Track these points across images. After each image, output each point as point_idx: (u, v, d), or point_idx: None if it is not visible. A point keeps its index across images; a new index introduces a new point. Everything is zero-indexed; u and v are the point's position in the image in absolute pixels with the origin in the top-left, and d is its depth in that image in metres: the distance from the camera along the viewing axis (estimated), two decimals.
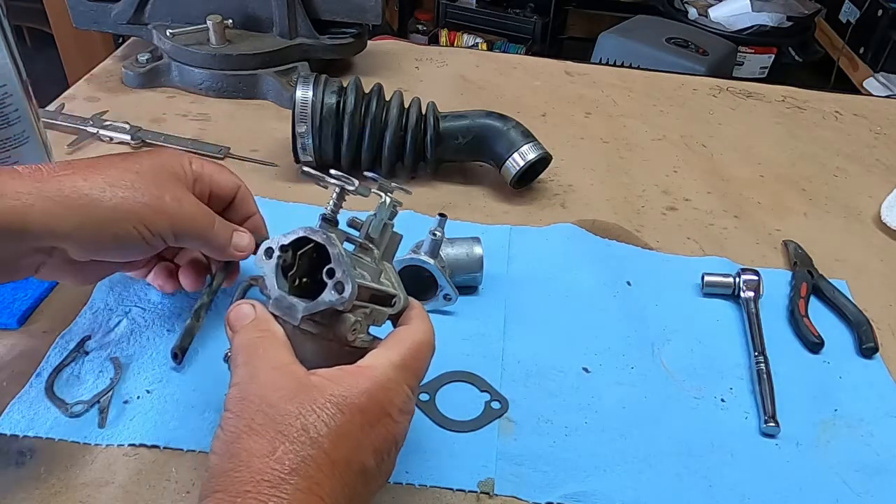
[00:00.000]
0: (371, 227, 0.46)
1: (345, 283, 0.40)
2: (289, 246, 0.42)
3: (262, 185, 0.77)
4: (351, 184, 0.44)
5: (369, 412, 0.38)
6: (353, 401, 0.38)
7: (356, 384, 0.38)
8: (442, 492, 0.49)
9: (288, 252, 0.42)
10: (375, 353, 0.41)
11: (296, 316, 0.41)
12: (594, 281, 0.67)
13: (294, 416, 0.36)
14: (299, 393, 0.37)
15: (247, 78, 0.93)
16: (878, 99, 1.35)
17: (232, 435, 0.36)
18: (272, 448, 0.35)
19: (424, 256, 0.59)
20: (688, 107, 1.04)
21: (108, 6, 0.96)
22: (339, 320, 0.42)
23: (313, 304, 0.40)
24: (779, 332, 0.64)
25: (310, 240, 0.42)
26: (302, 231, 0.42)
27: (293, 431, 0.35)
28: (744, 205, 0.82)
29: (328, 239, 0.41)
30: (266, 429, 0.35)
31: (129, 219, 0.45)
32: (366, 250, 0.45)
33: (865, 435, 0.55)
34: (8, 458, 0.47)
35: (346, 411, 0.37)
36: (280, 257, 0.42)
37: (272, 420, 0.35)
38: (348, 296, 0.39)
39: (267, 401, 0.36)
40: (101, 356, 0.54)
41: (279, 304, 0.42)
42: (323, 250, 0.41)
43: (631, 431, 0.54)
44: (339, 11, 0.96)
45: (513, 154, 0.76)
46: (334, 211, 0.44)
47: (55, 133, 0.82)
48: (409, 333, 0.43)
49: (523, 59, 1.18)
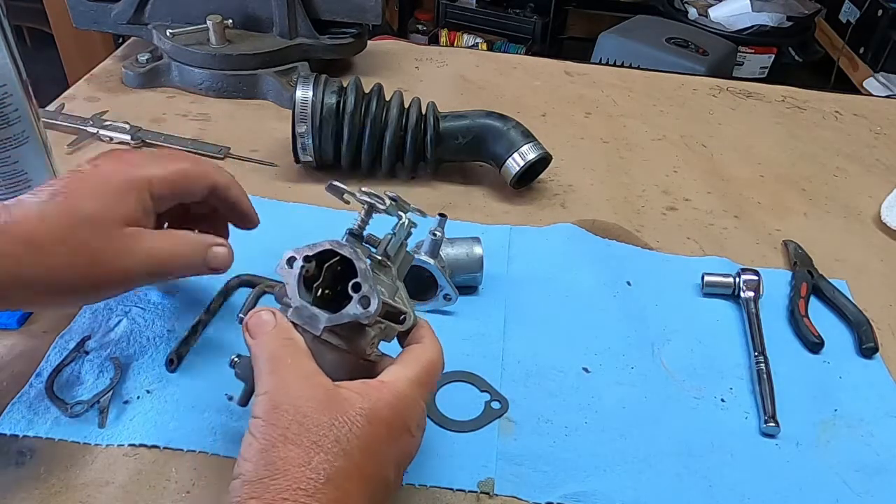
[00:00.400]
0: (389, 245, 0.46)
1: (371, 297, 0.40)
2: (312, 257, 0.43)
3: (262, 185, 0.77)
4: (382, 203, 0.46)
5: (394, 426, 0.40)
6: (380, 414, 0.39)
7: (381, 398, 0.40)
8: (442, 492, 0.49)
9: (311, 263, 0.43)
10: (393, 369, 0.42)
11: (318, 326, 0.42)
12: (594, 281, 0.67)
13: (327, 427, 0.37)
14: (331, 404, 0.38)
15: (247, 78, 0.93)
16: (878, 99, 1.35)
17: (267, 443, 0.36)
18: (308, 458, 0.36)
19: (424, 256, 0.59)
20: (688, 107, 1.04)
21: (108, 6, 0.96)
22: (361, 334, 0.43)
23: (337, 316, 0.41)
24: (779, 332, 0.64)
25: (335, 253, 0.42)
26: (328, 244, 0.43)
27: (327, 443, 0.36)
28: (744, 205, 0.82)
29: (356, 254, 0.42)
30: (301, 438, 0.36)
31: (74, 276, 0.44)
32: (383, 267, 0.45)
33: (865, 435, 0.55)
34: (8, 458, 0.47)
35: (374, 424, 0.38)
36: (303, 267, 0.43)
37: (307, 430, 0.36)
38: (373, 311, 0.40)
39: (301, 411, 0.37)
40: (101, 356, 0.54)
41: (300, 313, 0.42)
42: (348, 264, 0.42)
43: (631, 431, 0.54)
44: (339, 11, 0.96)
45: (513, 154, 0.76)
46: (361, 227, 0.46)
47: (55, 133, 0.82)
48: (423, 351, 0.44)
49: (523, 59, 1.18)
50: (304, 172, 0.80)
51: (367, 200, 0.46)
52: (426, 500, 0.48)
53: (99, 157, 0.48)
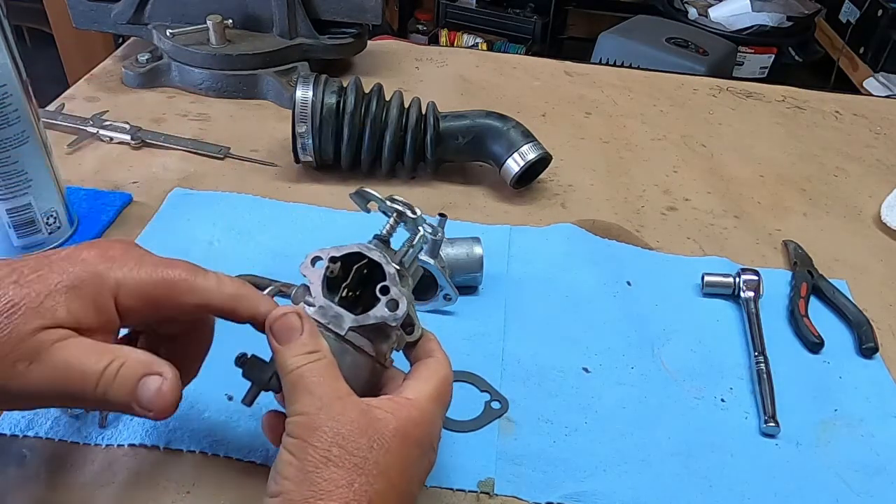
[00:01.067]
0: (406, 256, 0.47)
1: (399, 301, 0.41)
2: (339, 258, 0.43)
3: (262, 185, 0.77)
4: (413, 212, 0.46)
5: (423, 445, 0.41)
6: (411, 434, 0.40)
7: (410, 417, 0.40)
8: (442, 492, 0.49)
9: (337, 264, 0.43)
10: (415, 385, 0.42)
11: (343, 326, 0.42)
12: (594, 281, 0.67)
13: (366, 450, 0.38)
14: (368, 427, 0.38)
15: (247, 78, 0.93)
16: (878, 99, 1.35)
17: (309, 464, 0.37)
18: (350, 480, 0.37)
19: (424, 256, 0.59)
20: (688, 107, 1.04)
21: (108, 6, 0.96)
22: (383, 338, 0.43)
23: (364, 317, 0.42)
24: (779, 332, 0.64)
25: (361, 256, 0.43)
26: (357, 247, 0.43)
27: (368, 465, 0.37)
28: (744, 205, 0.82)
29: (385, 258, 0.43)
30: (343, 461, 0.37)
31: None
32: (402, 277, 0.46)
33: (865, 435, 0.55)
34: (8, 458, 0.47)
35: (407, 445, 0.39)
36: (328, 268, 0.43)
37: (348, 453, 0.37)
38: (401, 314, 0.41)
39: (341, 433, 0.37)
40: None
41: (325, 312, 0.42)
42: (373, 269, 0.43)
43: (631, 431, 0.54)
44: (339, 11, 0.96)
45: (513, 154, 0.76)
46: (389, 233, 0.46)
47: (55, 133, 0.82)
48: (439, 367, 0.44)
49: (523, 59, 1.18)
50: (304, 172, 0.80)
51: (396, 208, 0.46)
52: (426, 500, 0.48)
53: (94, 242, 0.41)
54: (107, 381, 0.36)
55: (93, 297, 0.37)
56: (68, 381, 0.36)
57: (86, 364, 0.36)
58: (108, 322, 0.38)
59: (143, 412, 0.37)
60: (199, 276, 0.41)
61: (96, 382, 0.36)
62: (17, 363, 0.35)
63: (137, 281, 0.39)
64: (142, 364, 0.38)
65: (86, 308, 0.37)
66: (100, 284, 0.38)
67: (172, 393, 0.38)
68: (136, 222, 0.69)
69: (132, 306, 0.39)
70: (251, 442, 0.49)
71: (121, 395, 0.37)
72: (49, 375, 0.36)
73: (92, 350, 0.37)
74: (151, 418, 0.38)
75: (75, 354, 0.36)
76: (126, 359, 0.37)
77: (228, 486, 0.47)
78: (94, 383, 0.36)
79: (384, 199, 0.47)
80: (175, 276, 0.40)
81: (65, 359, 0.36)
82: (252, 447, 0.49)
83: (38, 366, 0.35)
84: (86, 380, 0.36)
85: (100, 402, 0.37)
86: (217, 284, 0.41)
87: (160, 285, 0.39)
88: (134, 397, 0.37)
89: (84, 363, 0.36)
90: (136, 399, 0.37)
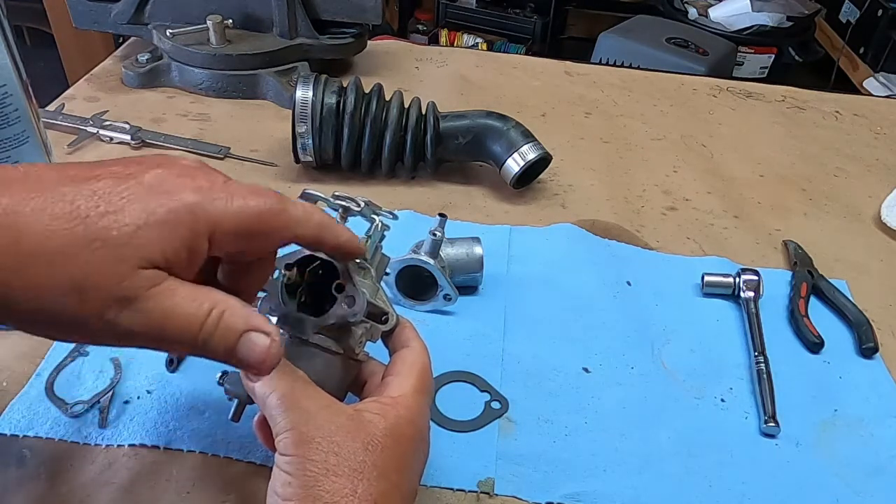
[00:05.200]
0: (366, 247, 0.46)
1: (356, 296, 0.41)
2: (293, 264, 0.43)
3: (262, 185, 0.77)
4: (356, 205, 0.46)
5: (415, 439, 0.40)
6: (403, 431, 0.39)
7: (399, 415, 0.40)
8: (442, 492, 0.49)
9: (292, 270, 0.43)
10: (396, 382, 0.42)
11: (306, 330, 0.42)
12: (594, 281, 0.67)
13: (362, 453, 0.37)
14: (359, 430, 0.38)
15: (247, 78, 0.93)
16: (878, 99, 1.34)
17: (309, 479, 0.36)
18: (353, 487, 0.36)
19: (424, 256, 0.59)
20: (688, 107, 1.04)
21: (108, 6, 0.96)
22: (348, 334, 0.43)
23: (325, 317, 0.41)
24: (779, 332, 0.64)
25: (314, 258, 0.43)
26: (307, 250, 0.43)
27: (366, 468, 0.37)
28: (744, 205, 0.82)
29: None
30: (341, 468, 0.36)
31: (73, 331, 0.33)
32: (362, 269, 0.46)
33: (865, 435, 0.55)
34: (8, 458, 0.47)
35: (400, 442, 0.39)
36: (284, 275, 0.43)
37: (345, 459, 0.37)
38: (360, 308, 0.41)
39: (334, 441, 0.37)
40: (101, 356, 0.54)
41: (287, 319, 0.42)
42: (328, 269, 0.42)
43: (631, 431, 0.54)
44: (339, 11, 0.96)
45: (513, 154, 0.76)
46: None
47: (55, 133, 0.82)
48: (416, 357, 0.44)
49: (523, 59, 1.18)
50: (304, 172, 0.80)
51: (341, 204, 0.46)
52: (426, 500, 0.48)
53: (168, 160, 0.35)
54: (208, 331, 0.33)
55: (188, 235, 0.33)
56: (165, 331, 0.32)
57: (187, 312, 0.32)
58: (198, 259, 0.34)
59: (243, 367, 0.35)
60: (290, 205, 0.37)
61: (197, 333, 0.33)
62: (107, 310, 0.31)
63: (234, 216, 0.34)
64: (243, 318, 0.34)
65: (179, 247, 0.32)
66: (195, 221, 0.33)
67: (280, 353, 0.35)
68: None
69: (225, 242, 0.34)
70: (251, 442, 0.49)
71: (221, 348, 0.34)
72: (142, 322, 0.31)
73: (191, 296, 0.33)
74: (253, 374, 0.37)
75: (176, 303, 0.32)
76: (227, 307, 0.34)
77: (228, 486, 0.47)
78: (194, 334, 0.33)
79: (328, 197, 0.46)
80: (269, 208, 0.36)
81: (163, 308, 0.32)
82: (252, 447, 0.49)
83: (130, 313, 0.31)
84: (184, 330, 0.32)
85: (196, 351, 0.34)
86: (304, 214, 0.38)
87: (256, 220, 0.35)
88: (235, 352, 0.34)
89: (185, 311, 0.32)
90: (237, 354, 0.34)
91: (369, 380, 0.45)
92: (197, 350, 0.34)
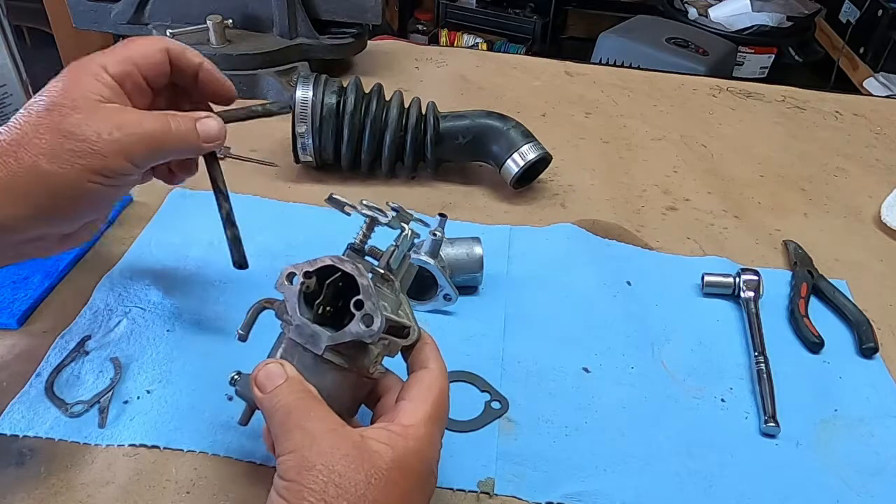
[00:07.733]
0: (392, 257, 0.45)
1: (374, 315, 0.39)
2: (313, 273, 0.42)
3: (262, 185, 0.77)
4: (384, 216, 0.44)
5: (422, 473, 0.39)
6: (410, 464, 0.38)
7: (408, 446, 0.39)
8: (442, 492, 0.49)
9: (312, 279, 0.42)
10: (409, 409, 0.41)
11: (319, 346, 0.40)
12: (594, 281, 0.67)
13: (364, 486, 0.36)
14: (364, 461, 0.37)
15: (247, 78, 0.93)
16: (878, 99, 1.35)
17: None
18: None
19: (424, 256, 0.59)
20: (688, 107, 1.04)
21: (108, 6, 0.96)
22: (363, 352, 0.42)
23: (339, 335, 0.40)
24: (779, 332, 0.64)
25: (336, 269, 0.41)
26: (329, 259, 0.41)
27: (367, 503, 0.36)
28: (744, 205, 0.82)
29: (357, 270, 0.41)
30: (340, 501, 0.35)
31: (79, 181, 0.43)
32: (386, 280, 0.44)
33: (865, 435, 0.55)
34: (8, 458, 0.47)
35: (406, 476, 0.38)
36: (303, 283, 0.41)
37: (345, 491, 0.35)
38: (377, 329, 0.39)
39: (336, 471, 0.36)
40: (101, 356, 0.54)
41: (301, 331, 0.41)
42: (350, 280, 0.41)
43: (631, 431, 0.54)
44: (339, 11, 0.96)
45: (513, 154, 0.76)
46: (363, 241, 0.45)
47: None
48: (433, 380, 0.43)
49: (523, 59, 1.18)
50: (304, 172, 0.80)
51: (368, 214, 0.45)
52: None
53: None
54: (178, 129, 0.46)
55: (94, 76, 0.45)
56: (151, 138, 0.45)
57: (157, 123, 0.45)
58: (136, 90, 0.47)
59: (208, 145, 0.48)
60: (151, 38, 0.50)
61: (172, 132, 0.46)
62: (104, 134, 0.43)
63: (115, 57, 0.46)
64: (193, 113, 0.48)
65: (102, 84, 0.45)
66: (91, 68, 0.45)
67: (222, 126, 0.50)
68: (136, 222, 0.69)
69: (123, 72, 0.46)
70: (251, 442, 0.49)
71: (192, 138, 0.47)
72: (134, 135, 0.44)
73: (154, 114, 0.46)
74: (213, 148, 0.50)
75: (145, 119, 0.45)
76: (181, 114, 0.47)
77: (228, 486, 0.47)
78: (172, 134, 0.46)
79: (355, 206, 0.45)
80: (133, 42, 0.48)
81: (138, 120, 0.44)
82: (252, 447, 0.49)
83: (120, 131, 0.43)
84: (166, 133, 0.46)
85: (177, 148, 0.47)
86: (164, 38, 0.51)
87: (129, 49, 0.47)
88: (199, 135, 0.48)
89: (155, 123, 0.45)
90: (202, 137, 0.48)
91: (384, 396, 0.44)
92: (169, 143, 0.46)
